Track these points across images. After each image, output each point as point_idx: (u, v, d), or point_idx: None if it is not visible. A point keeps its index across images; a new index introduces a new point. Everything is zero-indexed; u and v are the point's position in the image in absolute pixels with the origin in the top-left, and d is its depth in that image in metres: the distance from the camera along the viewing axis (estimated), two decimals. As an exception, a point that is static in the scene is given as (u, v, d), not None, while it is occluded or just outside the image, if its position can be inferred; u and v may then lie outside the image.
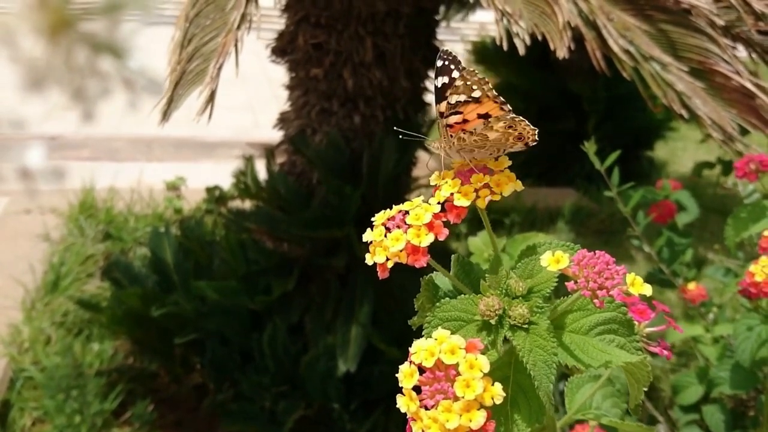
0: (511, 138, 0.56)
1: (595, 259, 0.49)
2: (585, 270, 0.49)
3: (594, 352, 0.50)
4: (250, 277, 2.06)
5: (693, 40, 1.29)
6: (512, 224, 3.31)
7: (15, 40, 0.20)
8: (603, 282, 0.48)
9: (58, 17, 0.20)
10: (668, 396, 1.87)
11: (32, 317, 2.40)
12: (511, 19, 1.21)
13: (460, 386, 0.45)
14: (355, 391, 1.95)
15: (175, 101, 1.29)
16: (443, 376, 0.46)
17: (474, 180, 0.54)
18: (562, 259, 0.50)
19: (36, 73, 0.20)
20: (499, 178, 0.54)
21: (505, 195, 0.53)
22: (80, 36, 0.21)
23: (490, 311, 0.49)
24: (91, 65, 0.21)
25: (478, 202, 0.53)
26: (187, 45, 1.36)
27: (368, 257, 0.52)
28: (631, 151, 3.71)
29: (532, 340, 0.49)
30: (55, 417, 1.95)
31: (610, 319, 0.51)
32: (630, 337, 0.51)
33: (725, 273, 1.55)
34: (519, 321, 0.49)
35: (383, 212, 0.54)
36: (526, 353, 0.48)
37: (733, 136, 1.21)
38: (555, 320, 0.52)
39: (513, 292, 0.52)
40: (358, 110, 2.10)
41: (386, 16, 2.01)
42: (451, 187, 0.53)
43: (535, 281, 0.52)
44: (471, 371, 0.45)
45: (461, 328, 0.50)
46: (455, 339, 0.47)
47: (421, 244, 0.51)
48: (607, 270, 0.49)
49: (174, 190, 3.42)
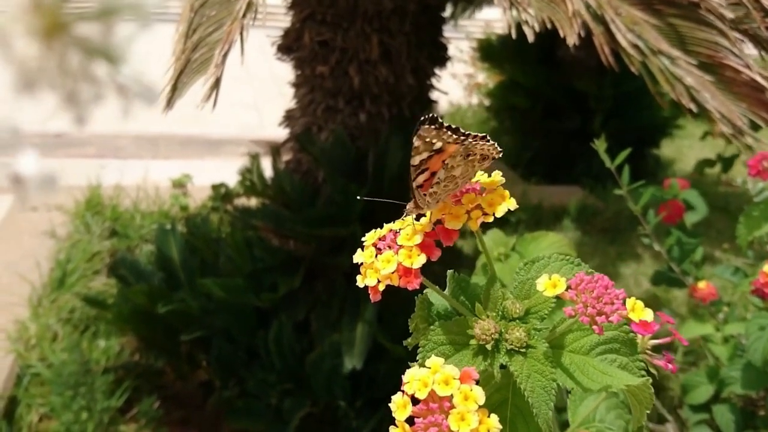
0: (476, 163, 0.53)
1: (594, 283, 0.47)
2: (583, 295, 0.47)
3: (594, 373, 0.48)
4: (256, 275, 2.06)
5: (702, 34, 1.27)
6: (518, 222, 3.29)
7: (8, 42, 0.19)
8: (602, 307, 0.46)
9: (53, 20, 0.19)
10: (678, 395, 1.86)
11: (39, 314, 2.41)
12: (519, 7, 1.20)
13: (455, 420, 0.43)
14: (360, 389, 1.95)
15: (179, 89, 1.28)
16: (437, 408, 0.44)
17: (465, 201, 0.51)
18: (558, 283, 0.47)
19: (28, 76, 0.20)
20: (492, 197, 0.51)
21: (498, 216, 0.50)
22: (74, 39, 0.20)
23: (486, 335, 0.47)
24: (85, 70, 0.20)
25: (470, 224, 0.50)
26: (192, 35, 1.36)
27: (359, 279, 0.51)
28: (637, 149, 3.68)
29: (530, 364, 0.47)
30: (61, 413, 1.95)
31: (611, 339, 0.49)
32: (632, 356, 0.49)
33: (734, 272, 1.53)
34: (516, 345, 0.47)
35: (373, 232, 0.52)
36: (523, 379, 0.46)
37: (742, 129, 1.20)
38: (554, 340, 0.50)
39: (510, 314, 0.49)
40: (363, 108, 2.10)
41: (392, 13, 2.01)
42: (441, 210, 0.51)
43: (532, 302, 0.50)
44: (466, 403, 0.44)
45: (457, 353, 0.48)
46: (449, 369, 0.45)
47: (413, 265, 0.49)
48: (606, 294, 0.46)
49: (180, 188, 3.42)
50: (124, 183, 3.38)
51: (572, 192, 3.73)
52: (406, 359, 0.50)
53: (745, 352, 1.19)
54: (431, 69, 2.25)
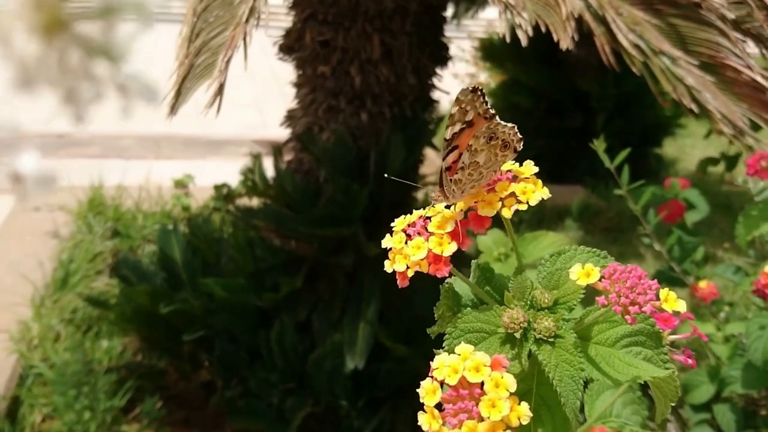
0: (498, 150, 0.52)
1: (627, 273, 0.47)
2: (617, 285, 0.46)
3: (620, 365, 0.48)
4: (257, 275, 2.06)
5: (703, 34, 1.27)
6: (520, 222, 3.29)
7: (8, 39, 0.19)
8: (635, 297, 0.46)
9: (53, 17, 0.20)
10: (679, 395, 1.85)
11: (41, 314, 2.41)
12: (514, 11, 1.20)
13: (486, 406, 0.43)
14: (362, 389, 1.95)
15: (183, 95, 1.29)
16: (467, 394, 0.44)
17: (499, 188, 0.51)
18: (592, 272, 0.47)
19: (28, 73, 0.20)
20: (526, 186, 0.50)
21: (532, 204, 0.49)
22: (75, 37, 0.20)
23: (515, 324, 0.47)
24: (85, 68, 0.21)
25: (504, 212, 0.50)
26: (195, 39, 1.36)
27: (387, 264, 0.50)
28: (639, 149, 3.69)
29: (559, 354, 0.46)
30: (64, 413, 1.96)
31: (637, 331, 0.49)
32: (658, 349, 0.49)
33: (735, 271, 1.53)
34: (545, 334, 0.47)
35: (403, 217, 0.51)
36: (552, 368, 0.46)
37: (743, 130, 1.20)
38: (580, 332, 0.50)
39: (538, 304, 0.49)
40: (365, 108, 2.10)
41: (393, 13, 2.01)
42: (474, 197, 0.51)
43: (561, 292, 0.50)
44: (497, 390, 0.43)
45: (484, 341, 0.48)
46: (480, 356, 0.45)
47: (444, 253, 0.48)
48: (639, 285, 0.46)
49: (182, 188, 3.43)
50: (126, 183, 3.38)
51: (574, 191, 3.73)
52: (407, 359, 0.50)
53: (745, 351, 1.19)
54: (433, 68, 2.25)
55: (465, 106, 0.52)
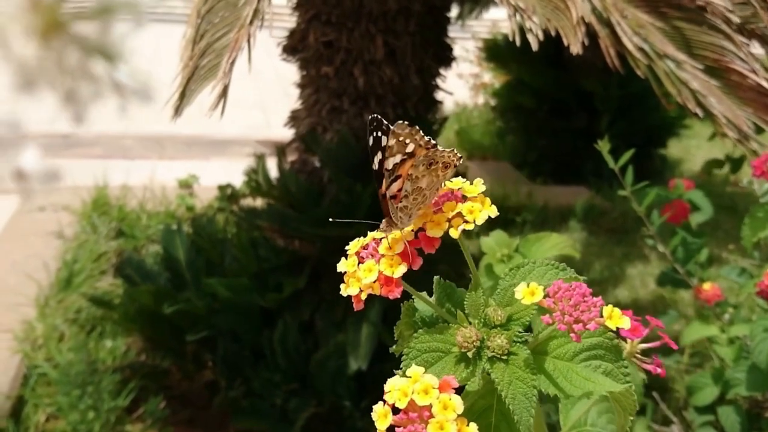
0: (440, 172, 0.52)
1: (571, 291, 0.47)
2: (560, 303, 0.47)
3: (577, 379, 0.48)
4: (261, 275, 2.06)
5: (708, 38, 1.27)
6: (524, 222, 3.29)
7: (8, 41, 0.19)
8: (579, 315, 0.46)
9: (51, 19, 0.20)
10: (683, 397, 1.85)
11: (46, 314, 2.42)
12: (524, 14, 1.20)
13: (434, 429, 0.44)
14: (365, 389, 1.95)
15: (188, 96, 1.29)
16: (417, 417, 0.45)
17: (446, 209, 0.51)
18: (536, 291, 0.48)
19: (28, 75, 0.20)
20: (473, 205, 0.50)
21: (479, 223, 0.50)
22: (72, 38, 0.20)
23: (468, 343, 0.48)
24: (83, 68, 0.21)
25: (452, 232, 0.50)
26: (200, 41, 1.36)
27: (343, 288, 0.51)
28: (644, 150, 3.69)
29: (511, 372, 0.47)
30: (68, 413, 1.96)
31: (595, 345, 0.49)
32: (617, 363, 0.49)
33: (740, 273, 1.53)
34: (498, 352, 0.48)
35: (357, 240, 0.52)
36: (505, 386, 0.46)
37: (748, 134, 1.19)
38: (538, 346, 0.50)
39: (491, 322, 0.49)
40: (368, 108, 2.10)
41: (397, 13, 2.01)
42: (422, 218, 0.51)
43: (514, 309, 0.50)
44: (444, 413, 0.44)
45: (439, 360, 0.49)
46: (428, 378, 0.45)
47: (394, 275, 0.49)
48: (583, 302, 0.47)
49: (186, 188, 3.43)
50: (130, 183, 3.39)
51: (579, 192, 3.72)
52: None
53: (750, 353, 1.18)
54: (436, 69, 2.25)
55: (404, 139, 0.52)
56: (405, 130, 0.52)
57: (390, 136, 0.52)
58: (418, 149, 0.52)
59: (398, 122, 0.52)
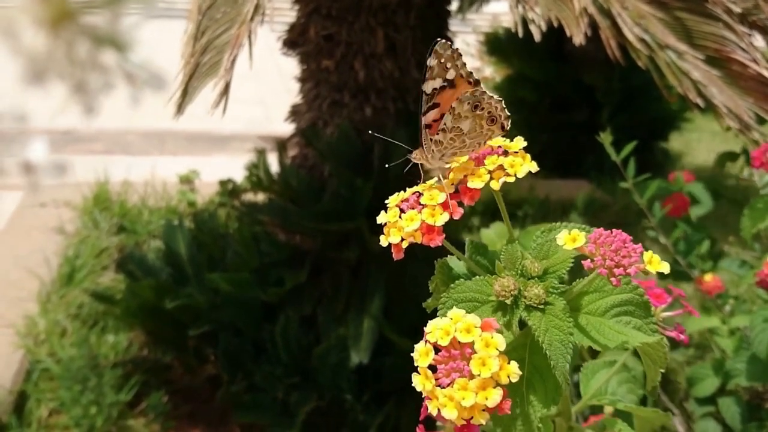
0: (484, 123, 0.53)
1: (612, 237, 0.48)
2: (602, 248, 0.48)
3: (610, 333, 0.49)
4: (262, 270, 2.07)
5: (709, 28, 1.27)
6: (525, 216, 3.29)
7: (17, 33, 0.19)
8: (620, 260, 0.47)
9: (60, 9, 0.20)
10: (684, 388, 1.85)
11: (48, 309, 2.43)
12: (526, 5, 1.20)
13: (476, 364, 0.45)
14: (367, 383, 1.95)
15: (190, 93, 1.29)
16: (459, 355, 0.46)
17: (488, 162, 0.52)
18: (578, 237, 0.49)
19: (37, 66, 0.20)
20: (514, 159, 0.52)
21: (520, 176, 0.51)
22: (82, 29, 0.20)
23: (506, 291, 0.49)
24: (93, 59, 0.21)
25: (492, 184, 0.51)
26: (201, 37, 1.36)
27: (383, 239, 0.51)
28: (645, 143, 3.68)
29: (548, 320, 0.48)
30: (71, 408, 1.97)
31: (626, 301, 0.50)
32: (646, 318, 0.50)
33: (741, 264, 1.53)
34: (535, 301, 0.48)
35: (397, 194, 0.53)
36: (542, 333, 0.47)
37: (749, 124, 1.19)
38: (571, 302, 0.51)
39: (528, 273, 0.51)
40: (369, 102, 2.10)
41: (397, 6, 2.00)
42: (462, 170, 0.52)
43: (551, 262, 0.51)
44: (487, 349, 0.45)
45: (476, 309, 0.50)
46: (470, 318, 0.46)
47: (437, 223, 0.50)
48: (624, 248, 0.48)
49: (187, 184, 3.44)
50: (131, 179, 3.39)
51: (580, 186, 3.72)
52: (412, 353, 0.50)
53: (750, 344, 1.19)
54: (437, 63, 2.24)
55: (445, 62, 0.52)
56: (447, 51, 0.52)
57: (432, 56, 0.52)
58: (459, 79, 0.52)
59: (441, 41, 0.52)
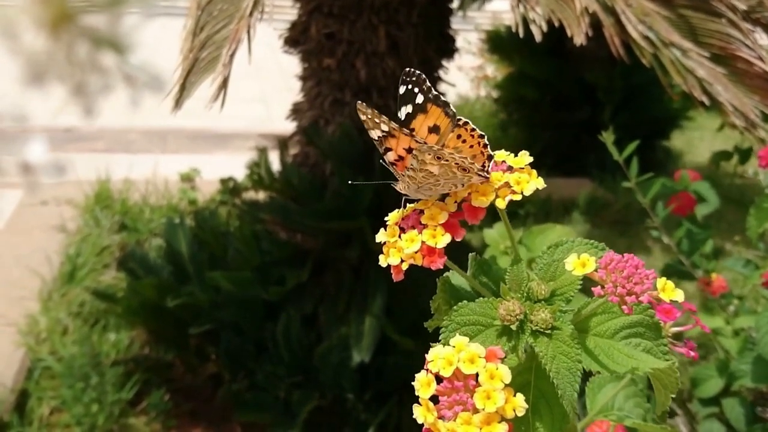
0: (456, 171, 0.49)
1: (624, 263, 0.46)
2: (613, 275, 0.45)
3: (620, 357, 0.47)
4: (264, 268, 2.06)
5: (714, 26, 1.26)
6: (527, 215, 3.28)
7: (16, 33, 0.19)
8: (632, 287, 0.45)
9: (60, 11, 0.19)
10: (687, 389, 1.85)
11: (49, 308, 2.42)
12: (527, 5, 1.19)
13: (481, 398, 0.43)
14: (368, 382, 1.95)
15: (188, 89, 1.28)
16: (462, 386, 0.44)
17: (493, 178, 0.50)
18: (588, 262, 0.46)
19: (37, 68, 0.19)
20: (520, 176, 0.50)
21: (527, 194, 0.49)
22: (81, 30, 0.20)
23: (511, 316, 0.46)
24: (92, 60, 0.20)
25: (498, 202, 0.49)
26: (200, 33, 1.35)
27: (382, 258, 0.49)
28: (647, 141, 3.67)
29: (556, 346, 0.46)
30: (72, 406, 1.97)
31: (636, 323, 0.48)
32: (657, 341, 0.48)
33: (745, 264, 1.52)
34: (541, 326, 0.46)
35: (397, 211, 0.51)
36: (549, 360, 0.45)
37: (755, 122, 1.18)
38: (578, 323, 0.49)
39: (535, 296, 0.48)
40: (371, 100, 2.09)
41: (399, 4, 2.00)
42: (467, 188, 0.50)
43: (558, 284, 0.49)
44: (491, 382, 0.43)
45: (480, 333, 0.47)
46: (474, 347, 0.44)
47: (437, 245, 0.48)
48: (636, 274, 0.45)
49: (188, 182, 3.43)
50: (133, 177, 3.39)
51: (582, 184, 3.71)
52: (414, 352, 0.49)
53: (755, 345, 1.18)
54: (439, 61, 2.23)
55: (372, 117, 0.50)
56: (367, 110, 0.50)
57: (400, 83, 0.51)
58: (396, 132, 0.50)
59: (358, 102, 0.50)
